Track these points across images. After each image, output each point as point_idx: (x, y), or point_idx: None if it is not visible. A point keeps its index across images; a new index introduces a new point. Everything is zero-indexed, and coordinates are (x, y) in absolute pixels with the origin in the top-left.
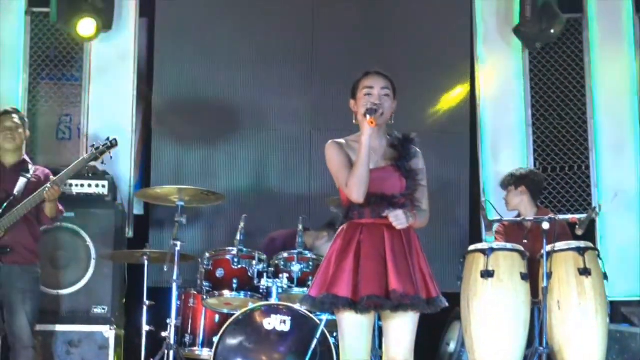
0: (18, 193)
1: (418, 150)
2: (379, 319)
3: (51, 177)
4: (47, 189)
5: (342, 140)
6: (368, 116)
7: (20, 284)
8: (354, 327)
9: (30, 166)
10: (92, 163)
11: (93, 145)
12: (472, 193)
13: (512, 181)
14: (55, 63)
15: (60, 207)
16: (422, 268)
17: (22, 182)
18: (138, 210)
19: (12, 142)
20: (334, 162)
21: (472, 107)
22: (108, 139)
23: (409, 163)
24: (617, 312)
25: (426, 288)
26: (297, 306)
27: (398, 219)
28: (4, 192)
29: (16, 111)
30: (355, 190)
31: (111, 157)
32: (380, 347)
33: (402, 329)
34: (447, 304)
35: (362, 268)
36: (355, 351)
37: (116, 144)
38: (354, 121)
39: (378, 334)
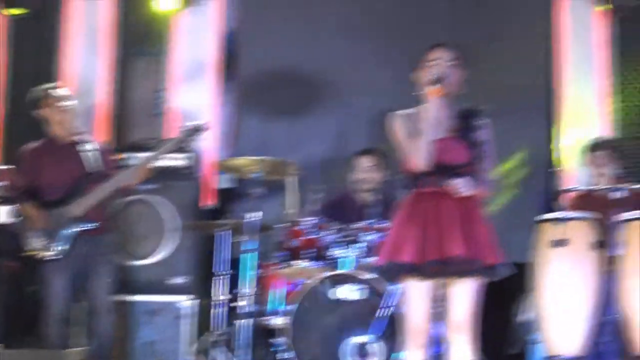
0: (91, 169)
1: (486, 121)
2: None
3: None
4: (139, 170)
5: (405, 112)
6: (433, 86)
7: (102, 253)
8: (417, 294)
9: (87, 138)
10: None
11: (183, 129)
12: (547, 163)
13: (617, 149)
14: (147, 39)
15: None
16: (485, 235)
17: (88, 156)
18: (229, 183)
19: (65, 114)
20: (396, 132)
21: (552, 78)
22: (198, 123)
23: (474, 134)
24: None
25: (487, 255)
26: (369, 275)
27: (461, 186)
28: (71, 170)
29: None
30: (421, 158)
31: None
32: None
33: (464, 293)
34: (508, 272)
35: (427, 235)
36: (419, 316)
37: (206, 128)
38: (420, 92)
39: None
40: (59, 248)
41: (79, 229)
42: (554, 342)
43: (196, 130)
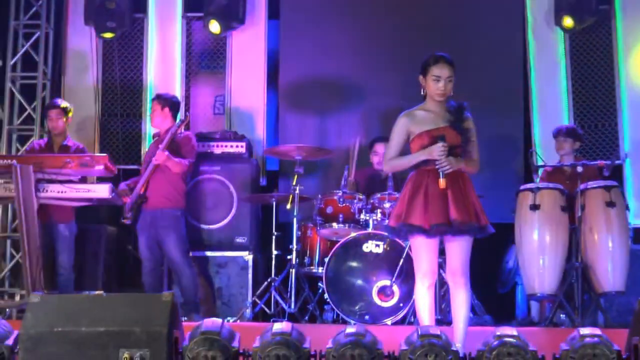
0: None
1: (469, 115)
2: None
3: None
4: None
5: (410, 112)
6: (442, 179)
7: (162, 222)
8: (425, 248)
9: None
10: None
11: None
12: (526, 146)
13: (574, 134)
14: (209, 55)
15: (177, 161)
16: (475, 203)
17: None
18: (274, 166)
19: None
20: (394, 135)
21: (525, 80)
22: (185, 114)
23: (462, 124)
24: None
25: (477, 218)
26: (388, 234)
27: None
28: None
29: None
30: (388, 169)
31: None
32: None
33: (460, 248)
34: (494, 231)
35: (430, 204)
36: (426, 265)
37: (187, 119)
38: (421, 93)
39: None
40: (130, 217)
41: (142, 203)
42: (534, 283)
43: (181, 121)
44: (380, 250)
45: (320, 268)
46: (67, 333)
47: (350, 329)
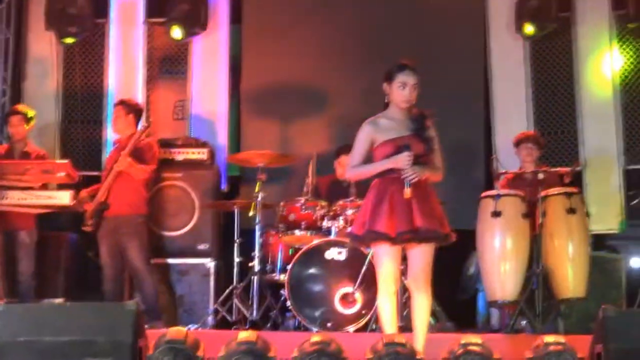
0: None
1: (432, 123)
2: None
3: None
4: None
5: (373, 120)
6: (408, 188)
7: (124, 229)
8: (388, 255)
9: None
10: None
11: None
12: (486, 152)
13: (539, 142)
14: (170, 61)
15: (140, 168)
16: (438, 211)
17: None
18: (236, 172)
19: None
20: (358, 142)
21: (486, 86)
22: (144, 124)
23: (426, 133)
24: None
25: (442, 226)
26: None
27: (418, 172)
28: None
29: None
30: (352, 177)
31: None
32: None
33: (424, 254)
34: (455, 239)
35: (395, 211)
36: (389, 272)
37: (149, 126)
38: (385, 100)
39: None
40: (91, 224)
41: (104, 210)
42: (495, 290)
43: (144, 128)
44: (342, 257)
45: (283, 275)
46: (31, 343)
47: (315, 338)
